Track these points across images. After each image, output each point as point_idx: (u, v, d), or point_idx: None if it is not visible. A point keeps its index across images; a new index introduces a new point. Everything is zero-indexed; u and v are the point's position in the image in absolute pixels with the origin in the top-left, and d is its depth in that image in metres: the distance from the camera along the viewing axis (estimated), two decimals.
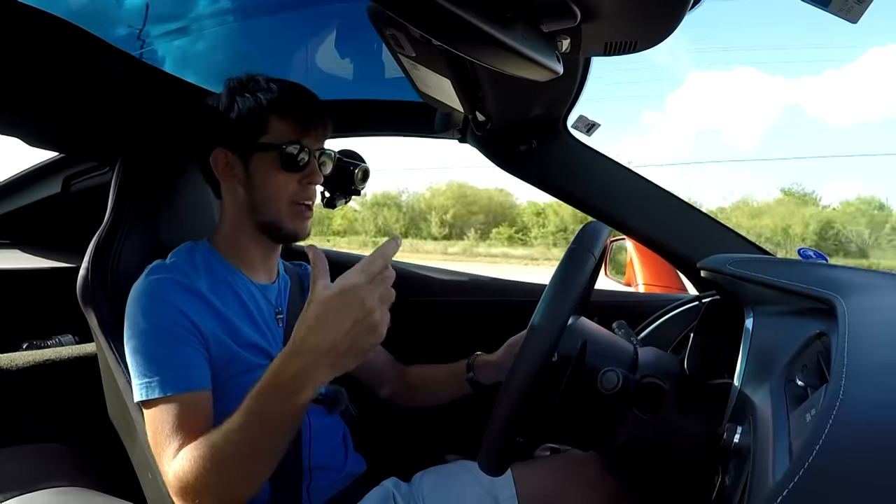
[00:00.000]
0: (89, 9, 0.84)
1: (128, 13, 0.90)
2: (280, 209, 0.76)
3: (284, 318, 0.82)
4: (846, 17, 0.54)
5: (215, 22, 1.01)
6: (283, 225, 0.77)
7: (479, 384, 0.89)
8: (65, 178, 1.27)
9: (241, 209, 0.78)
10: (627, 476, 0.63)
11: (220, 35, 1.05)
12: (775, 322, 0.58)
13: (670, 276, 1.86)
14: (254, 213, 0.77)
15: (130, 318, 0.69)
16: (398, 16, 0.44)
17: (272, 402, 0.55)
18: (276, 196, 0.75)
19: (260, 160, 0.75)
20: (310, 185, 0.77)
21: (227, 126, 0.75)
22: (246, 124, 0.74)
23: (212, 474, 0.58)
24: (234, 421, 0.57)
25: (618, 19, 0.46)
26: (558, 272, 0.60)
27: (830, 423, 0.30)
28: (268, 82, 0.77)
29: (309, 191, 0.77)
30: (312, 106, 0.77)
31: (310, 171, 0.76)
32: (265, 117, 0.74)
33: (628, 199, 1.10)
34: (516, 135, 1.09)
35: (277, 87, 0.76)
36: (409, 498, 0.78)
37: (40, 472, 0.84)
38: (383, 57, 1.10)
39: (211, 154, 0.76)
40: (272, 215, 0.76)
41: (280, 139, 0.74)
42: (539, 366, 0.55)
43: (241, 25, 1.05)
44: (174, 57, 1.03)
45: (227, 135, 0.75)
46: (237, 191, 0.77)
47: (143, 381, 0.66)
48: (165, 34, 0.99)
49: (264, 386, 0.56)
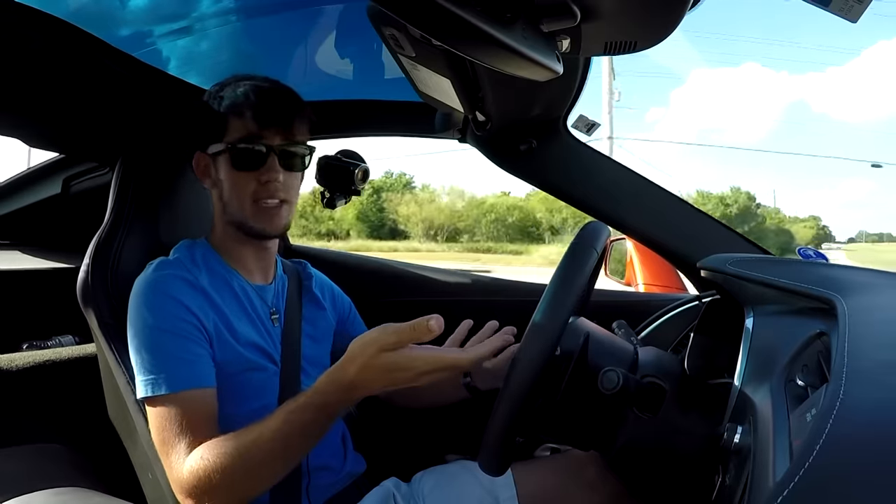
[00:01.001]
0: (90, 9, 0.84)
1: (128, 13, 0.90)
2: (243, 208, 0.76)
3: (281, 318, 0.82)
4: (846, 16, 0.54)
5: (216, 22, 1.01)
6: (249, 223, 0.77)
7: (476, 389, 0.88)
8: (65, 178, 1.27)
9: (219, 210, 0.80)
10: (628, 476, 0.63)
11: (220, 35, 1.05)
12: (775, 322, 0.58)
13: (670, 276, 1.86)
14: (224, 213, 0.79)
15: (135, 313, 0.69)
16: (398, 16, 0.44)
17: (314, 416, 0.60)
18: (238, 195, 0.76)
19: (222, 161, 0.76)
20: (269, 182, 0.75)
21: (197, 129, 0.78)
22: (210, 126, 0.76)
23: (236, 473, 0.60)
24: (268, 425, 0.61)
25: (618, 19, 0.46)
26: (560, 269, 0.60)
27: (831, 423, 0.30)
28: (238, 83, 0.76)
29: (270, 188, 0.75)
30: (275, 103, 0.76)
31: (267, 169, 0.75)
32: (225, 118, 0.75)
33: (628, 198, 1.09)
34: (516, 135, 1.09)
35: (244, 87, 0.75)
36: (410, 498, 0.78)
37: (40, 472, 0.84)
38: (383, 57, 1.10)
39: (193, 157, 0.79)
40: (237, 215, 0.77)
41: (237, 138, 0.74)
42: (540, 363, 0.55)
43: (240, 26, 1.05)
44: (174, 57, 1.03)
45: (198, 138, 0.78)
46: (213, 192, 0.80)
47: (147, 378, 0.66)
48: (165, 34, 0.99)
49: (307, 405, 0.61)
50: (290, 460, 0.63)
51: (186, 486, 0.62)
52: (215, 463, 0.60)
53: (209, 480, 0.60)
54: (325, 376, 0.61)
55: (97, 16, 0.85)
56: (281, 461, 0.62)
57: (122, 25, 0.90)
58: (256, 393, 0.74)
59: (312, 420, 0.61)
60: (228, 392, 0.71)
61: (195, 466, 0.61)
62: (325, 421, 0.62)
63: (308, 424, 0.61)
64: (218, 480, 0.60)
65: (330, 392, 0.60)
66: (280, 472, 0.63)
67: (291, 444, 0.61)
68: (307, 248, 1.39)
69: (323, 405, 0.60)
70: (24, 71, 0.82)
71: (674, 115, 60.73)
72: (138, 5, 0.89)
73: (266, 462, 0.61)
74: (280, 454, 0.61)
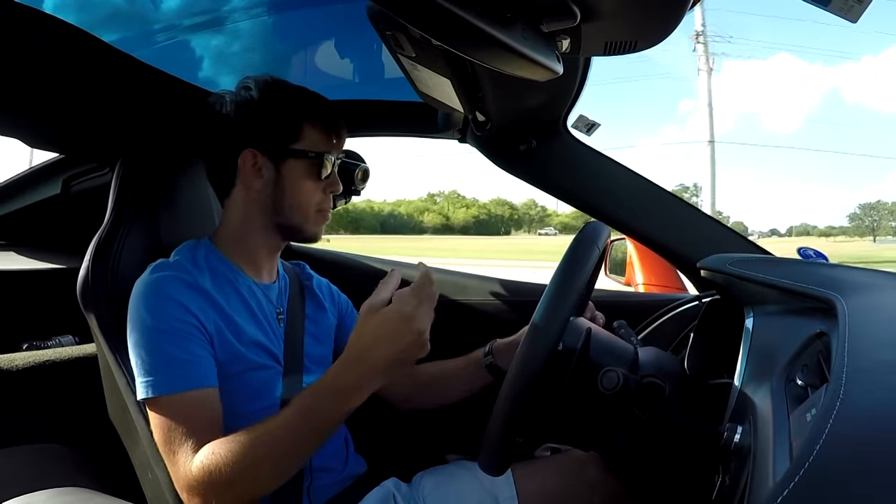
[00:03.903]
0: (91, 9, 0.84)
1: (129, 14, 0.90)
2: (307, 215, 0.79)
3: (285, 317, 0.82)
4: (846, 16, 0.53)
5: (217, 22, 1.01)
6: (306, 228, 0.80)
7: (500, 370, 0.86)
8: (65, 179, 1.27)
9: (259, 209, 0.78)
10: (628, 476, 0.63)
11: (221, 36, 1.05)
12: (775, 322, 0.58)
13: (670, 276, 1.86)
14: (276, 214, 0.78)
15: (135, 314, 0.69)
16: (398, 16, 0.44)
17: (326, 405, 0.61)
18: (305, 202, 0.78)
19: (292, 166, 0.77)
20: (332, 193, 0.81)
21: (260, 128, 0.76)
22: (281, 129, 0.76)
23: (247, 470, 0.60)
24: (279, 420, 0.61)
25: (618, 19, 0.46)
26: (560, 269, 0.60)
27: (831, 423, 0.30)
28: (299, 88, 0.79)
29: (330, 199, 0.81)
30: (336, 115, 0.80)
31: (333, 181, 0.80)
32: (300, 124, 0.76)
33: (628, 198, 1.10)
34: (516, 135, 1.09)
35: (306, 94, 0.79)
36: (410, 498, 0.78)
37: (40, 472, 0.84)
38: (383, 57, 1.10)
39: (240, 154, 0.76)
40: (297, 220, 0.79)
41: (313, 147, 0.77)
42: (541, 363, 0.55)
43: (242, 26, 1.05)
44: (175, 58, 1.03)
45: (260, 137, 0.76)
46: (262, 192, 0.77)
47: (147, 379, 0.66)
48: (166, 35, 0.99)
49: (321, 388, 0.61)
50: (299, 455, 0.62)
51: (194, 484, 0.61)
52: (225, 458, 0.60)
53: (219, 477, 0.60)
54: (335, 363, 0.62)
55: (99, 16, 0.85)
56: (291, 456, 0.62)
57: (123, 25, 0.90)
58: (260, 392, 0.74)
59: (326, 411, 0.61)
60: (232, 391, 0.71)
61: (204, 463, 0.61)
62: (337, 410, 0.61)
63: (319, 414, 0.61)
64: (227, 477, 0.60)
65: (340, 372, 0.61)
66: (290, 468, 0.63)
67: (300, 437, 0.61)
68: (307, 249, 1.39)
69: (334, 387, 0.61)
70: (25, 71, 0.82)
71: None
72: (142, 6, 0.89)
73: (276, 457, 0.60)
74: (289, 450, 0.61)
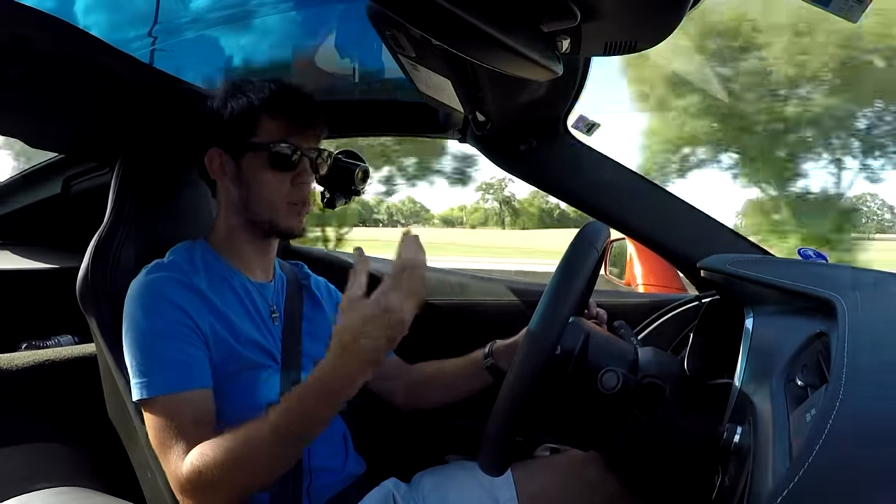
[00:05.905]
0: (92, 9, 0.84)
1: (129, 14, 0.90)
2: (276, 209, 0.77)
3: (280, 316, 0.82)
4: (846, 16, 0.53)
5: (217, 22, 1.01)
6: (278, 223, 0.78)
7: (500, 371, 0.85)
8: (65, 178, 1.27)
9: (234, 208, 0.79)
10: (628, 476, 0.63)
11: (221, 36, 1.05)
12: (775, 322, 0.58)
13: (670, 276, 1.86)
14: (246, 211, 0.78)
15: (130, 316, 0.69)
16: (398, 16, 0.44)
17: (317, 399, 0.59)
18: (270, 196, 0.76)
19: (251, 160, 0.76)
20: (302, 184, 0.77)
21: (220, 126, 0.76)
22: (237, 124, 0.75)
23: (234, 471, 0.60)
24: (271, 416, 0.60)
25: (618, 19, 0.46)
26: (560, 269, 0.60)
27: (830, 423, 0.30)
28: (262, 82, 0.77)
29: (302, 190, 0.78)
30: (304, 106, 0.78)
31: (301, 171, 0.77)
32: (256, 116, 0.75)
33: (628, 199, 1.09)
34: (516, 135, 1.09)
35: (271, 87, 0.76)
36: (410, 498, 0.78)
37: (40, 472, 0.84)
38: (383, 57, 1.10)
39: (206, 154, 0.77)
40: (266, 215, 0.77)
41: (271, 139, 0.75)
42: (540, 363, 0.55)
43: (241, 26, 1.05)
44: (175, 58, 1.03)
45: (220, 135, 0.77)
46: (230, 190, 0.78)
47: (142, 380, 0.66)
48: (167, 35, 0.99)
49: (312, 383, 0.60)
50: (290, 454, 0.62)
51: (185, 484, 0.62)
52: (213, 459, 0.60)
53: (208, 477, 0.60)
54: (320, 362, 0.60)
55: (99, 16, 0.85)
56: (283, 456, 0.62)
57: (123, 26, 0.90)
58: (258, 391, 0.74)
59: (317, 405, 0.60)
60: (230, 390, 0.71)
61: (195, 464, 0.61)
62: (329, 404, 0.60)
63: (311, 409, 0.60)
64: (216, 477, 0.60)
65: (326, 369, 0.59)
66: (278, 467, 0.63)
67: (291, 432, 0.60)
68: (307, 249, 1.39)
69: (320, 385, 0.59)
70: (25, 70, 0.82)
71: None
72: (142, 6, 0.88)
73: (264, 456, 0.61)
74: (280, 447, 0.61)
